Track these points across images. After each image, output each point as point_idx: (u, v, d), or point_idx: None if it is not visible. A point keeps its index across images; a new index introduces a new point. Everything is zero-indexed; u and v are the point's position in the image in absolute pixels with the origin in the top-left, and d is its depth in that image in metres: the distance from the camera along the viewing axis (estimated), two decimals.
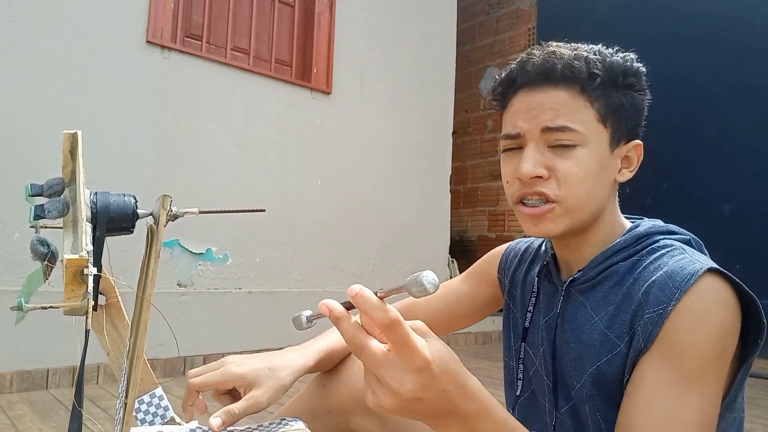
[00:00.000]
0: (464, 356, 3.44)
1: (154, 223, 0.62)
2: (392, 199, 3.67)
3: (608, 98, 0.72)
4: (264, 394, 0.78)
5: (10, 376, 2.22)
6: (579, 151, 0.71)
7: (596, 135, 0.72)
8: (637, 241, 0.75)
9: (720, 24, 3.65)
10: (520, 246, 0.97)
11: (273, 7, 3.30)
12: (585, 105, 0.71)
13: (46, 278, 0.59)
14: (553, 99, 0.71)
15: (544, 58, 0.73)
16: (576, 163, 0.71)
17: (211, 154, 2.90)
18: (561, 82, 0.71)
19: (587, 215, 0.74)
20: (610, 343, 0.71)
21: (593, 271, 0.76)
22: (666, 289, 0.66)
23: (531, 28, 4.65)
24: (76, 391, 0.57)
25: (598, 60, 0.72)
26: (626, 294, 0.71)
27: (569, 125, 0.70)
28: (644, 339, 0.66)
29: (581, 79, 0.71)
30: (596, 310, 0.74)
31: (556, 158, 0.71)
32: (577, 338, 0.75)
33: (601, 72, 0.71)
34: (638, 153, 0.77)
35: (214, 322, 2.82)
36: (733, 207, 3.53)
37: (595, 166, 0.72)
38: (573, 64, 0.71)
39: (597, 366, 0.72)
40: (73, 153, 0.60)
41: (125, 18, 2.65)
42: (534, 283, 0.86)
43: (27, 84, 2.37)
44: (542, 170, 0.71)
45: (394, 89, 3.73)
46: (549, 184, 0.72)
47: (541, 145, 0.72)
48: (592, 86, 0.71)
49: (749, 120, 3.50)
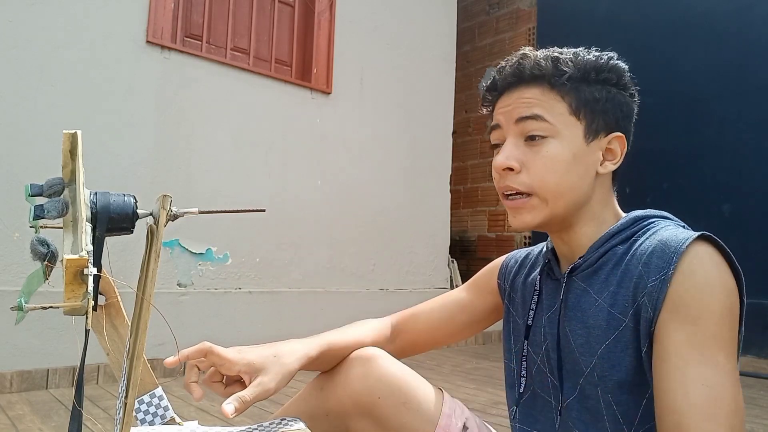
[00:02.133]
0: (464, 356, 3.44)
1: (154, 223, 0.62)
2: (392, 199, 3.67)
3: (579, 92, 0.76)
4: (272, 380, 0.79)
5: (10, 376, 2.22)
6: (550, 143, 0.75)
7: (569, 127, 0.76)
8: (633, 224, 0.77)
9: (720, 24, 3.64)
10: (520, 254, 0.99)
11: (273, 7, 3.30)
12: (556, 99, 0.76)
13: (46, 278, 0.59)
14: (526, 94, 0.77)
15: (516, 61, 0.79)
16: (546, 154, 0.75)
17: (211, 154, 2.90)
18: (531, 80, 0.77)
19: (565, 205, 0.77)
20: (615, 320, 0.72)
21: (593, 256, 0.77)
22: (664, 255, 0.68)
23: (531, 28, 4.65)
24: (76, 391, 0.57)
25: (569, 59, 0.77)
26: (625, 270, 0.73)
27: (541, 114, 0.75)
28: (652, 307, 0.68)
29: (548, 76, 0.76)
30: (599, 293, 0.75)
31: (529, 151, 0.76)
32: (583, 323, 0.76)
33: (570, 69, 0.76)
34: (621, 145, 0.79)
35: (214, 322, 2.82)
36: (733, 207, 3.53)
37: (566, 157, 0.75)
38: (540, 63, 0.77)
39: (606, 345, 0.73)
40: (73, 153, 0.60)
41: (125, 18, 2.65)
42: (536, 282, 0.87)
43: (27, 84, 2.37)
44: (513, 162, 0.77)
45: (394, 89, 3.73)
46: (519, 177, 0.77)
47: (518, 139, 0.77)
48: (559, 81, 0.76)
49: (749, 120, 3.50)
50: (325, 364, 0.92)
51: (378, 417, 0.87)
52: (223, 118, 2.95)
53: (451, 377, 2.80)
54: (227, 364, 0.81)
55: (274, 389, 0.79)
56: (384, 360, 0.90)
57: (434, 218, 3.94)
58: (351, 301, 3.35)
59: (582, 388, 0.77)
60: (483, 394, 2.43)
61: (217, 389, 0.84)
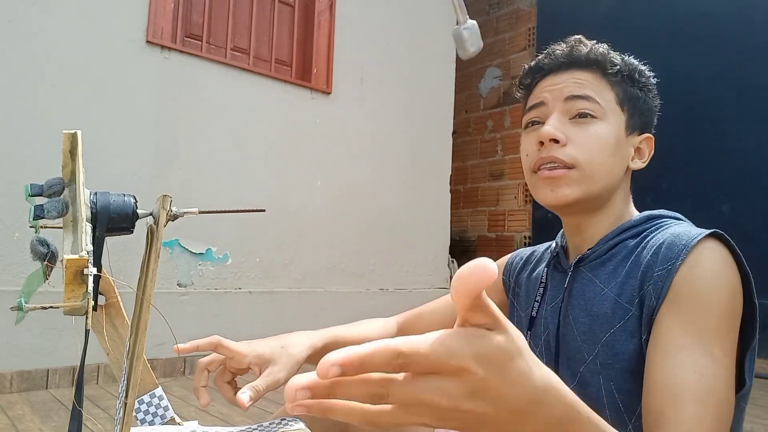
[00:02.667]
0: None
1: (154, 223, 0.62)
2: (392, 199, 3.67)
3: (625, 87, 0.79)
4: (281, 370, 0.81)
5: (10, 376, 2.22)
6: (598, 124, 0.76)
7: (615, 114, 0.78)
8: (647, 221, 0.78)
9: (720, 24, 3.64)
10: (526, 252, 1.00)
11: (273, 7, 3.30)
12: (606, 87, 0.78)
13: (46, 278, 0.59)
14: (580, 76, 0.78)
15: (572, 44, 0.80)
16: (595, 133, 0.76)
17: (211, 154, 2.90)
18: (585, 65, 0.79)
19: (601, 187, 0.77)
20: (621, 309, 0.72)
21: (603, 248, 0.78)
22: (673, 247, 0.68)
23: (531, 28, 4.65)
24: (76, 391, 0.57)
25: (618, 55, 0.80)
26: (634, 262, 0.74)
27: (593, 96, 0.77)
28: (656, 296, 0.68)
29: (603, 64, 0.78)
30: (606, 283, 0.76)
31: (575, 128, 0.77)
32: (586, 312, 0.77)
33: (620, 63, 0.79)
34: (650, 146, 0.82)
35: (214, 322, 2.82)
36: (733, 207, 3.53)
37: (611, 141, 0.77)
38: (597, 50, 0.79)
39: (611, 333, 0.73)
40: (72, 153, 0.60)
41: (125, 18, 2.65)
42: (543, 275, 0.87)
43: (27, 84, 2.37)
44: (560, 134, 0.76)
45: (394, 89, 3.73)
46: (565, 150, 0.76)
47: (563, 116, 0.77)
48: (612, 72, 0.78)
49: (749, 120, 3.50)
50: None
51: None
52: (223, 118, 2.95)
53: None
54: (237, 357, 0.82)
55: (284, 379, 0.80)
56: None
57: (434, 218, 3.94)
58: (351, 301, 3.35)
59: (582, 376, 0.77)
60: None
61: (226, 392, 0.84)
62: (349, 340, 0.92)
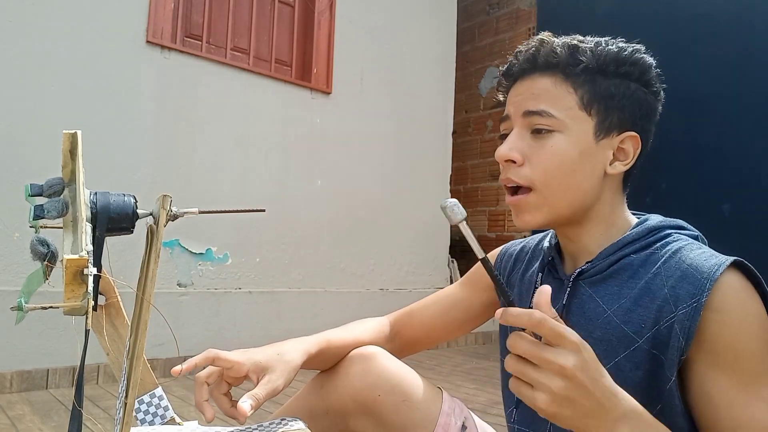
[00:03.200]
0: (464, 356, 3.44)
1: (154, 223, 0.62)
2: (392, 199, 3.67)
3: (594, 85, 0.73)
4: (279, 377, 0.80)
5: (10, 376, 2.22)
6: (555, 137, 0.72)
7: (578, 122, 0.72)
8: (649, 233, 0.74)
9: (720, 24, 3.64)
10: (514, 247, 0.97)
11: (273, 7, 3.30)
12: (567, 91, 0.73)
13: (46, 278, 0.59)
14: (537, 85, 0.74)
15: (532, 46, 0.75)
16: (551, 149, 0.72)
17: (211, 154, 2.90)
18: (544, 68, 0.74)
19: (568, 205, 0.74)
20: (627, 338, 0.70)
21: (604, 263, 0.74)
22: (695, 282, 0.65)
23: (531, 28, 4.65)
24: (76, 391, 0.57)
25: (588, 48, 0.73)
26: (645, 288, 0.70)
27: (547, 110, 0.72)
28: (684, 336, 0.65)
29: (562, 65, 0.73)
30: (609, 304, 0.73)
31: (534, 144, 0.73)
32: (588, 333, 0.73)
33: (587, 59, 0.73)
34: (634, 145, 0.75)
35: (214, 322, 2.82)
36: (733, 207, 3.53)
37: (572, 153, 0.72)
38: (555, 50, 0.73)
39: (615, 362, 0.70)
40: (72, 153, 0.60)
41: (125, 18, 2.65)
42: (536, 280, 0.84)
43: (27, 84, 2.37)
44: (516, 154, 0.73)
45: (394, 89, 3.73)
46: (521, 170, 0.73)
47: (524, 131, 0.74)
48: (574, 71, 0.73)
49: (749, 120, 3.49)
50: (324, 362, 0.92)
51: (378, 414, 0.87)
52: (223, 118, 2.95)
53: (451, 377, 2.80)
54: (236, 367, 0.82)
55: (282, 386, 0.80)
56: (384, 358, 0.90)
57: (434, 218, 3.94)
58: (351, 301, 3.35)
59: None
60: (483, 394, 2.43)
61: (224, 404, 0.84)
62: (343, 344, 0.92)
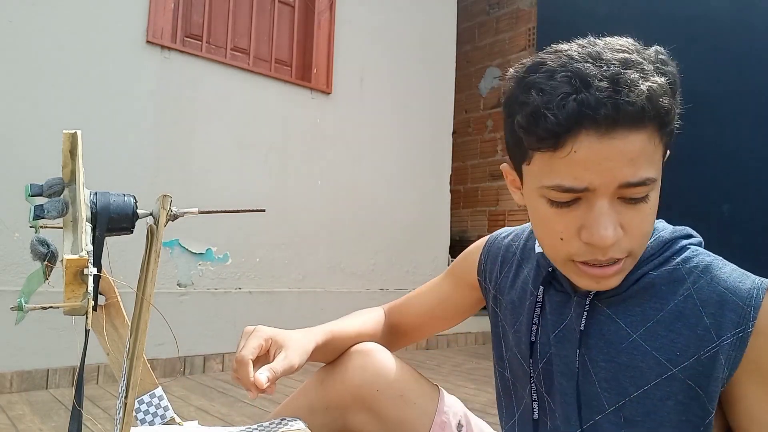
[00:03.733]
0: (464, 356, 3.44)
1: (154, 223, 0.62)
2: (392, 199, 3.67)
3: (672, 125, 0.61)
4: (295, 355, 0.79)
5: (10, 376, 2.22)
6: (650, 198, 0.62)
7: (661, 170, 0.64)
8: (664, 247, 0.71)
9: (720, 24, 3.64)
10: (499, 243, 0.91)
11: (273, 7, 3.30)
12: (658, 144, 0.60)
13: (46, 278, 0.59)
14: (631, 146, 0.57)
15: (612, 94, 0.56)
16: (649, 211, 0.62)
17: (211, 154, 2.90)
18: (638, 123, 0.57)
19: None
20: (659, 365, 0.66)
21: (624, 282, 0.68)
22: (737, 309, 0.63)
23: (531, 28, 4.65)
24: (76, 391, 0.57)
25: (667, 84, 0.59)
26: (677, 312, 0.67)
27: (650, 176, 0.59)
28: (729, 367, 0.63)
29: (659, 118, 0.58)
30: (633, 327, 0.68)
31: (628, 212, 0.61)
32: (610, 358, 0.69)
33: (670, 102, 0.59)
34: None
35: (214, 322, 2.82)
36: (733, 207, 3.53)
37: (657, 203, 0.64)
38: (652, 100, 0.57)
39: (644, 390, 0.67)
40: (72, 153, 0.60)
41: (125, 18, 2.64)
42: (537, 294, 0.79)
43: (27, 84, 2.37)
44: (621, 231, 0.61)
45: (394, 89, 3.73)
46: (621, 245, 0.62)
47: (615, 200, 0.60)
48: (667, 119, 0.59)
49: (749, 120, 3.50)
50: (329, 354, 0.92)
51: (377, 410, 0.87)
52: (223, 118, 2.95)
53: (451, 377, 2.80)
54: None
55: (297, 365, 0.79)
56: (383, 354, 0.91)
57: (434, 218, 3.94)
58: (351, 301, 3.34)
59: (597, 425, 0.71)
60: (483, 394, 2.43)
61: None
62: (346, 336, 0.93)
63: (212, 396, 2.29)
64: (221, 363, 2.80)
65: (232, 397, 2.28)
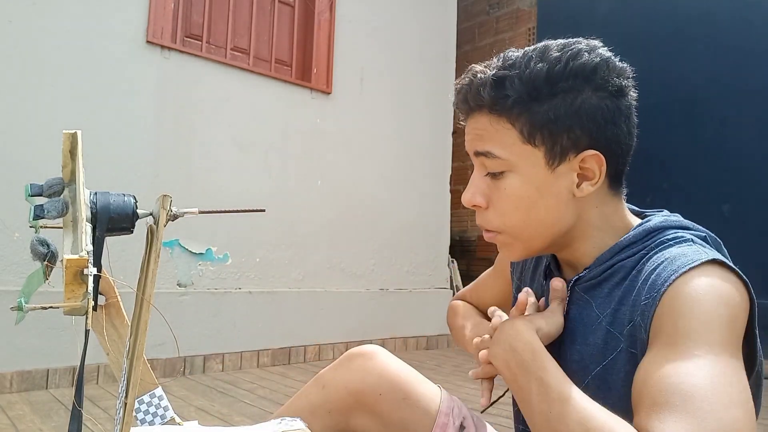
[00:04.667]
0: (465, 356, 3.43)
1: (154, 223, 0.62)
2: (392, 199, 3.67)
3: (531, 114, 0.67)
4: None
5: (10, 376, 2.22)
6: (508, 178, 0.70)
7: (525, 157, 0.69)
8: (647, 236, 0.71)
9: (720, 24, 3.64)
10: None
11: (273, 7, 3.30)
12: (505, 128, 0.69)
13: (46, 278, 0.59)
14: (478, 125, 0.72)
15: (461, 87, 0.73)
16: (506, 191, 0.70)
17: (211, 154, 2.90)
18: (477, 109, 0.71)
19: (542, 239, 0.72)
20: (614, 340, 0.69)
21: (599, 269, 0.73)
22: (663, 273, 0.63)
23: (531, 28, 4.65)
24: (76, 391, 0.57)
25: (515, 76, 0.67)
26: (628, 287, 0.69)
27: (491, 150, 0.70)
28: (644, 327, 0.63)
29: (488, 105, 0.69)
30: (601, 308, 0.72)
31: (492, 186, 0.72)
32: (583, 339, 0.73)
33: (514, 91, 0.67)
34: (597, 162, 0.69)
35: (214, 322, 2.82)
36: (733, 207, 3.53)
37: (528, 191, 0.69)
38: (479, 91, 0.69)
39: (602, 366, 0.70)
40: (72, 153, 0.60)
41: (125, 18, 2.64)
42: (543, 282, 0.84)
43: (27, 84, 2.37)
44: (480, 199, 0.72)
45: (394, 89, 3.73)
46: (487, 215, 0.73)
47: (482, 171, 0.73)
48: (504, 108, 0.68)
49: (749, 120, 3.50)
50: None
51: (379, 413, 0.88)
52: (223, 118, 2.95)
53: (452, 377, 2.80)
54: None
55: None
56: (385, 356, 0.91)
57: (434, 218, 3.94)
58: (351, 301, 3.35)
59: None
60: None
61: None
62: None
63: (212, 396, 2.29)
64: (221, 363, 2.80)
65: (232, 397, 2.28)
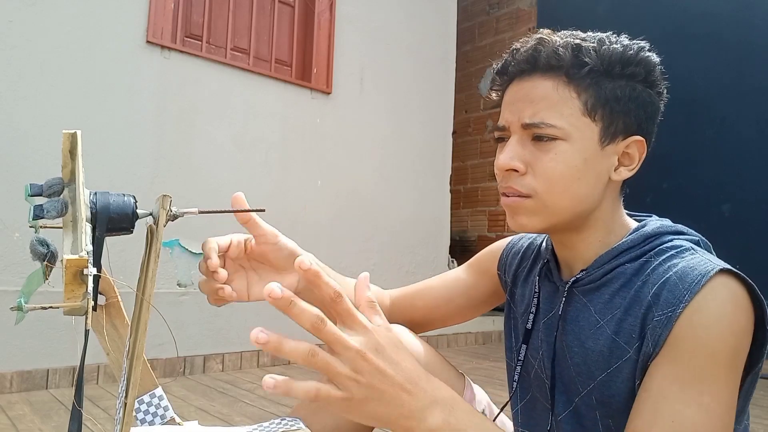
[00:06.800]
0: (464, 356, 3.44)
1: (154, 223, 0.62)
2: (392, 199, 3.67)
3: (599, 89, 0.68)
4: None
5: (10, 376, 2.22)
6: (560, 145, 0.68)
7: (581, 129, 0.68)
8: (644, 241, 0.71)
9: (720, 24, 3.64)
10: (522, 242, 0.94)
11: (273, 7, 3.30)
12: (570, 96, 0.68)
13: (46, 278, 0.59)
14: (537, 89, 0.69)
15: (532, 45, 0.70)
16: (555, 157, 0.68)
17: (211, 154, 2.90)
18: (546, 70, 0.68)
19: (569, 213, 0.71)
20: (619, 349, 0.68)
21: (598, 272, 0.72)
22: (676, 290, 0.63)
23: (531, 28, 4.65)
24: (76, 391, 0.57)
25: (592, 47, 0.68)
26: (635, 297, 0.68)
27: (547, 121, 0.68)
28: (653, 343, 0.63)
29: (566, 68, 0.68)
30: (601, 314, 0.71)
31: (536, 151, 0.69)
32: (580, 343, 0.72)
33: (592, 60, 0.67)
34: (640, 150, 0.71)
35: (214, 322, 2.82)
36: (733, 207, 3.53)
37: (577, 162, 0.68)
38: (558, 51, 0.68)
39: (607, 373, 0.69)
40: (72, 153, 0.60)
41: (125, 18, 2.64)
42: (535, 282, 0.83)
43: (27, 84, 2.37)
44: (518, 164, 0.69)
45: (394, 89, 3.73)
46: (523, 180, 0.70)
47: (525, 138, 0.70)
48: (578, 74, 0.67)
49: (749, 120, 3.50)
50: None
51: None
52: (223, 118, 2.95)
53: None
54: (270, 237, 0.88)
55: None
56: (408, 337, 0.89)
57: (434, 218, 3.94)
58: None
59: (577, 407, 0.74)
60: None
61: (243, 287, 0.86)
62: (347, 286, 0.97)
63: (212, 396, 2.29)
64: (221, 363, 2.80)
65: (232, 397, 2.28)
